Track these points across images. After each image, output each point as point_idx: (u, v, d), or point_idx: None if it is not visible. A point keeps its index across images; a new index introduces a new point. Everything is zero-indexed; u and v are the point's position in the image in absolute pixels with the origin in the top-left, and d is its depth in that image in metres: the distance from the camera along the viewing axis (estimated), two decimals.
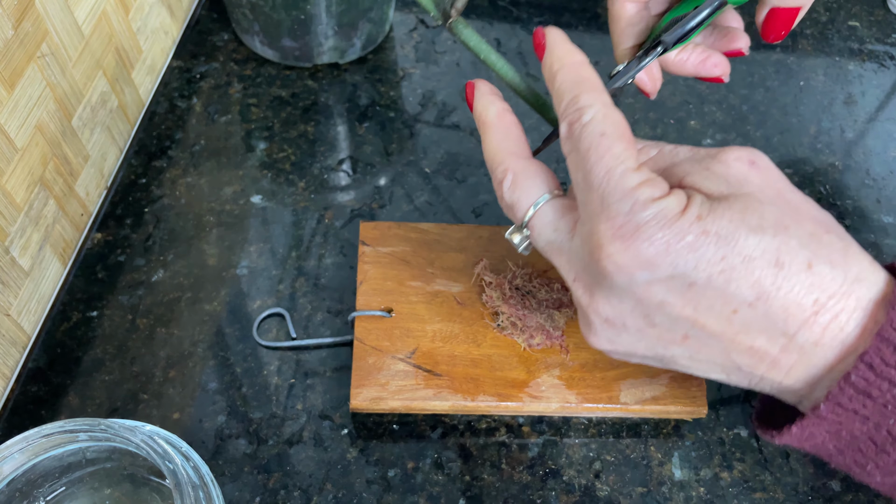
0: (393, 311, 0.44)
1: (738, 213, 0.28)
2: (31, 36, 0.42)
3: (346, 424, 0.43)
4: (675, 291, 0.28)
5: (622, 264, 0.28)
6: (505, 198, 0.33)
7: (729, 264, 0.27)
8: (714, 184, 0.29)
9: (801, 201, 0.29)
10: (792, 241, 0.27)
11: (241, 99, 0.58)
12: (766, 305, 0.27)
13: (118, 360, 0.45)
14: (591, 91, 0.30)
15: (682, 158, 0.31)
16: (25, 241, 0.44)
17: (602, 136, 0.29)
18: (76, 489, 0.36)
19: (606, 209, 0.28)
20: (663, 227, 0.27)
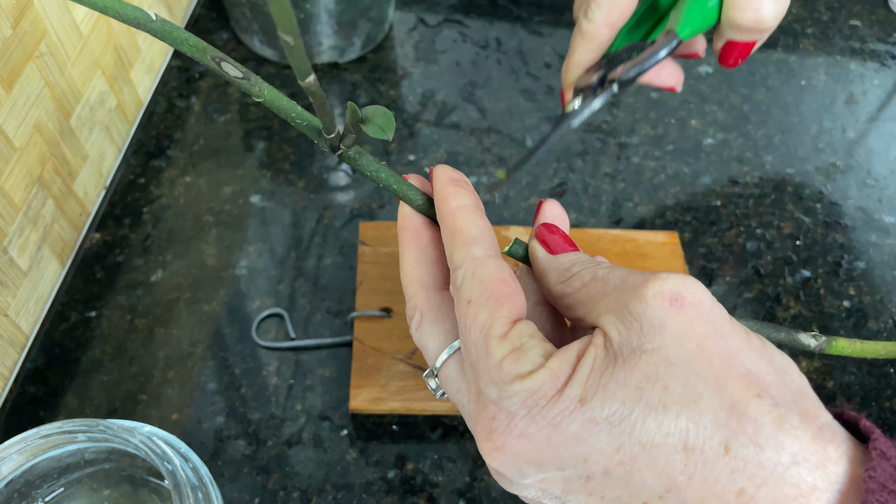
0: (392, 311, 0.44)
1: (633, 388, 0.23)
2: (30, 35, 0.42)
3: (346, 425, 0.43)
4: (573, 483, 0.24)
5: (504, 462, 0.24)
6: (414, 339, 0.29)
7: (627, 454, 0.23)
8: (625, 331, 0.24)
9: (732, 353, 0.24)
10: (703, 418, 0.22)
11: (241, 98, 0.58)
12: (678, 498, 0.23)
13: (117, 361, 0.45)
14: (462, 247, 0.27)
15: (610, 288, 0.26)
16: (24, 241, 0.43)
17: (469, 304, 0.25)
18: (75, 490, 0.36)
19: (479, 395, 0.25)
20: (536, 418, 0.23)
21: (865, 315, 0.48)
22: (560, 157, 0.55)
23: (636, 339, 0.23)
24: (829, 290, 0.49)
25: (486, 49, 0.62)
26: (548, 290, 0.28)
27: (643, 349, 0.23)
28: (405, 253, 0.30)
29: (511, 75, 0.60)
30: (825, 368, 0.46)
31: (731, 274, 0.50)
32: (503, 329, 0.25)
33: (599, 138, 0.56)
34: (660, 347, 0.23)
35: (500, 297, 0.26)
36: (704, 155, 0.56)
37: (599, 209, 0.52)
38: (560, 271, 0.28)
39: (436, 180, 0.29)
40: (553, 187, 0.53)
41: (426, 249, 0.30)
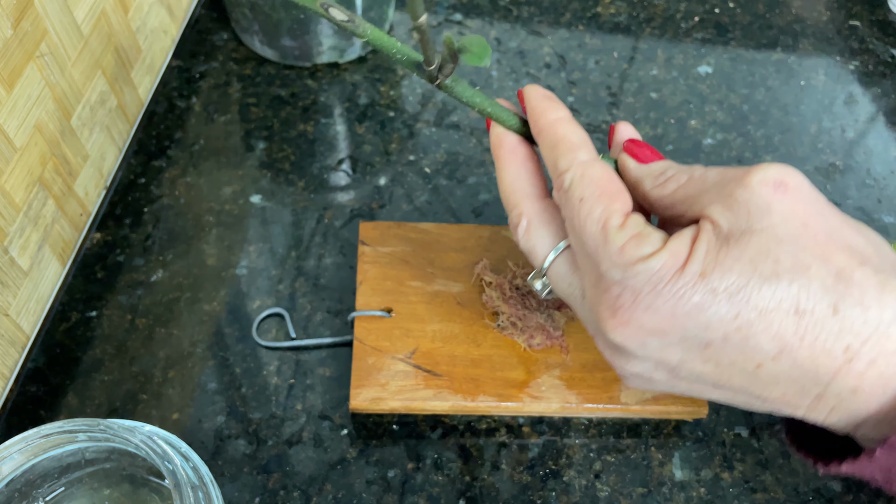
0: (393, 311, 0.44)
1: (748, 263, 0.25)
2: (30, 35, 0.42)
3: (346, 425, 0.43)
4: (691, 351, 0.27)
5: (629, 335, 0.27)
6: (521, 244, 0.32)
7: (744, 320, 0.25)
8: (733, 216, 0.26)
9: (835, 228, 0.26)
10: (813, 285, 0.25)
11: (241, 98, 0.58)
12: (791, 357, 0.25)
13: (117, 361, 0.45)
14: (567, 153, 0.30)
15: (710, 184, 0.28)
16: (24, 240, 0.44)
17: (581, 202, 0.28)
18: (75, 489, 0.36)
19: (602, 279, 0.27)
20: (662, 292, 0.26)
21: None
22: None
23: (744, 222, 0.26)
24: None
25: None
26: (644, 196, 0.31)
27: (752, 230, 0.26)
28: (505, 168, 0.33)
29: (511, 75, 0.60)
30: None
31: None
32: (619, 220, 0.27)
33: (600, 138, 0.57)
34: (768, 227, 0.26)
35: (612, 193, 0.28)
36: (704, 155, 0.56)
37: None
38: (654, 177, 0.30)
39: (530, 98, 0.32)
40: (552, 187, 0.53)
41: (525, 163, 0.33)
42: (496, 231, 0.48)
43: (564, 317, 0.44)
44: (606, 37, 0.63)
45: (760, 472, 0.42)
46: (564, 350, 0.43)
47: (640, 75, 0.61)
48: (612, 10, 0.65)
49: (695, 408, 0.42)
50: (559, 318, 0.44)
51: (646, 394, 0.42)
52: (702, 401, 0.42)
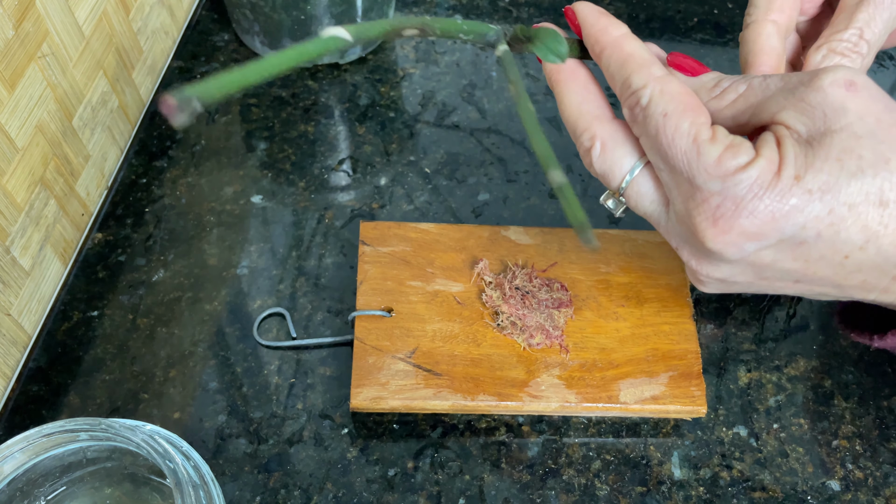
0: (393, 310, 0.44)
1: (835, 161, 0.27)
2: (32, 36, 0.42)
3: (347, 424, 0.43)
4: (785, 251, 0.28)
5: (729, 241, 0.28)
6: (595, 166, 0.32)
7: (837, 216, 0.27)
8: (808, 120, 0.28)
9: None
10: (894, 176, 0.27)
11: (242, 99, 0.58)
12: (876, 245, 0.27)
13: (119, 360, 0.45)
14: (640, 69, 0.30)
15: (773, 90, 0.29)
16: (26, 240, 0.44)
17: (665, 117, 0.28)
18: (77, 488, 0.36)
19: (698, 191, 0.28)
20: (763, 197, 0.27)
21: None
22: (559, 156, 0.55)
23: (822, 123, 0.27)
24: None
25: (486, 49, 0.62)
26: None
27: (832, 130, 0.27)
28: (566, 93, 0.32)
29: None
30: (823, 367, 0.46)
31: None
32: (709, 133, 0.28)
33: None
34: (846, 126, 0.27)
35: (695, 106, 0.29)
36: None
37: (599, 209, 0.52)
38: (708, 89, 0.31)
39: (586, 16, 0.32)
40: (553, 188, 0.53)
41: (587, 85, 0.32)
42: (496, 231, 0.48)
43: (564, 316, 0.44)
44: None
45: (759, 471, 0.42)
46: (564, 349, 0.43)
47: None
48: (612, 11, 0.65)
49: (693, 407, 0.42)
50: (559, 318, 0.44)
51: (644, 393, 0.42)
52: (701, 400, 0.42)
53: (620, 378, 0.42)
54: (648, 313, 0.45)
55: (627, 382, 0.42)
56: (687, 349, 0.43)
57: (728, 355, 0.46)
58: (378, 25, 0.29)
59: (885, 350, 0.33)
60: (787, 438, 0.43)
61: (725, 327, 0.47)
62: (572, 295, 0.45)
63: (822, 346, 0.47)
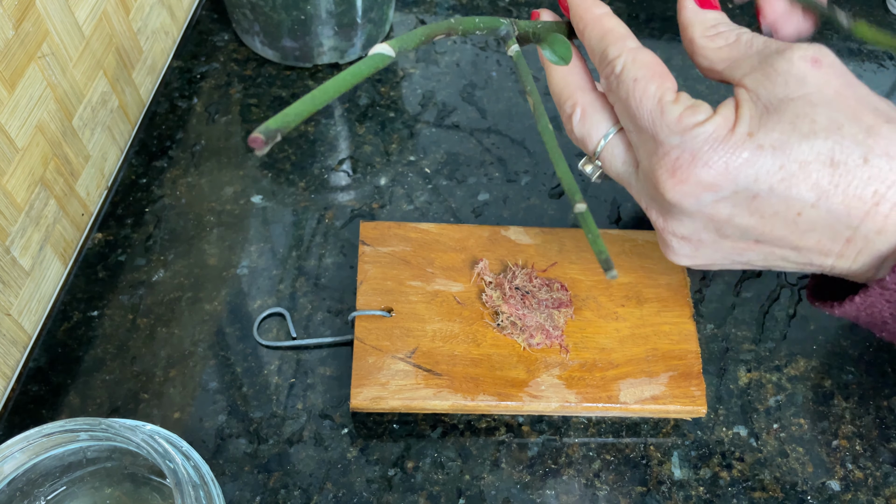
0: (393, 310, 0.44)
1: (788, 123, 0.29)
2: (32, 36, 0.42)
3: (347, 424, 0.43)
4: (740, 205, 0.30)
5: (687, 192, 0.30)
6: (575, 131, 0.35)
7: (787, 172, 0.29)
8: (772, 85, 0.30)
9: (863, 95, 0.30)
10: (846, 140, 0.28)
11: (242, 99, 0.58)
12: (827, 203, 0.29)
13: (119, 360, 0.45)
14: (616, 42, 0.32)
15: (754, 51, 0.32)
16: (26, 240, 0.44)
17: (635, 82, 0.31)
18: (77, 488, 0.36)
19: (660, 146, 0.30)
20: (717, 149, 0.29)
21: None
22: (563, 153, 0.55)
23: (782, 90, 0.29)
24: None
25: (486, 50, 0.62)
26: (690, 41, 0.34)
27: (790, 97, 0.29)
28: (555, 67, 0.35)
29: (511, 76, 0.60)
30: (823, 367, 0.46)
31: (729, 273, 0.50)
32: (673, 95, 0.31)
33: None
34: (805, 94, 0.29)
35: (663, 73, 0.31)
36: None
37: (599, 209, 0.52)
38: (706, 26, 0.33)
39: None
40: (553, 187, 0.53)
41: (575, 60, 0.35)
42: (496, 231, 0.48)
43: (564, 316, 0.44)
44: None
45: (759, 471, 0.42)
46: (564, 349, 0.43)
47: None
48: (613, 10, 0.65)
49: (693, 407, 0.42)
50: (559, 318, 0.44)
51: (644, 393, 0.42)
52: (701, 400, 0.42)
53: (620, 378, 0.42)
54: (648, 313, 0.45)
55: (627, 382, 0.42)
56: (687, 349, 0.44)
57: (728, 355, 0.46)
58: (415, 36, 0.32)
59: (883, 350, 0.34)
60: (787, 438, 0.43)
61: (725, 327, 0.47)
62: (572, 295, 0.45)
63: (822, 346, 0.47)
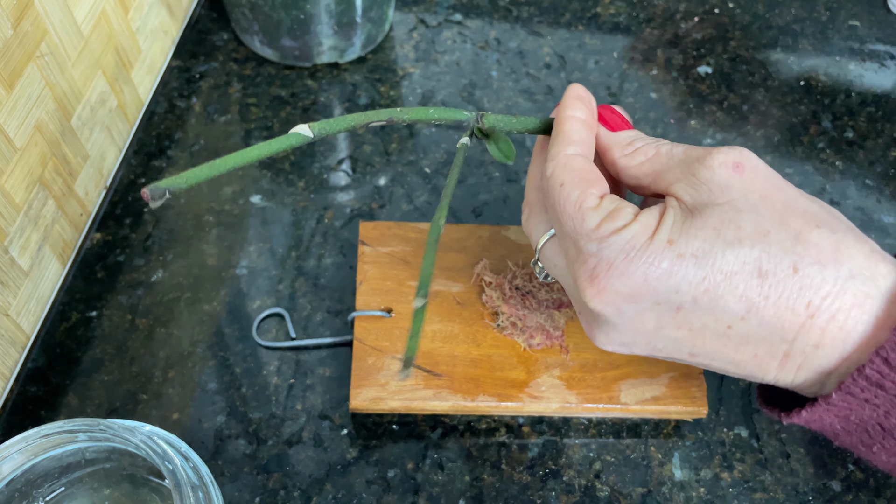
0: (393, 311, 0.44)
1: (712, 229, 0.27)
2: (31, 35, 0.42)
3: (346, 425, 0.43)
4: (665, 316, 0.29)
5: (607, 302, 0.29)
6: (523, 228, 0.35)
7: (711, 283, 0.27)
8: (696, 192, 0.29)
9: (790, 198, 0.28)
10: (773, 248, 0.27)
11: (241, 98, 0.58)
12: (758, 317, 0.27)
13: (117, 361, 0.45)
14: (558, 144, 0.32)
15: (676, 161, 0.31)
16: (24, 240, 0.44)
17: (561, 187, 0.30)
18: (75, 489, 0.36)
19: (580, 253, 0.29)
20: (634, 258, 0.28)
21: None
22: None
23: (706, 197, 0.28)
24: None
25: (486, 49, 0.62)
26: (612, 163, 0.33)
27: (714, 203, 0.28)
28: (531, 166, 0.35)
29: (511, 75, 0.60)
30: None
31: None
32: (595, 201, 0.29)
33: None
34: (729, 201, 0.28)
35: (590, 179, 0.30)
36: None
37: None
38: (622, 146, 0.32)
39: (565, 94, 0.33)
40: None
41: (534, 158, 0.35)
42: (496, 231, 0.48)
43: (564, 317, 0.44)
44: (606, 37, 0.63)
45: (760, 471, 0.42)
46: (564, 350, 0.43)
47: (639, 75, 0.61)
48: (612, 10, 0.65)
49: (694, 408, 0.42)
50: (559, 318, 0.44)
51: (645, 394, 0.42)
52: (702, 401, 0.42)
53: (621, 379, 0.42)
54: None
55: (628, 383, 0.42)
56: None
57: None
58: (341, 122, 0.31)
59: None
60: (788, 439, 0.43)
61: None
62: None
63: None
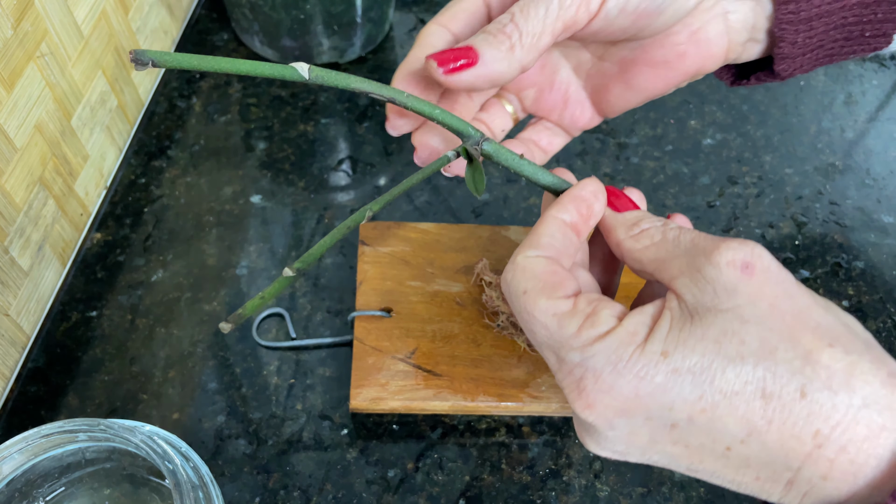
0: (393, 311, 0.44)
1: (712, 342, 0.25)
2: (31, 35, 0.42)
3: (346, 424, 0.43)
4: (659, 432, 0.26)
5: (597, 415, 0.26)
6: None
7: (709, 402, 0.25)
8: (700, 292, 0.26)
9: (803, 309, 0.25)
10: (780, 368, 0.24)
11: (241, 99, 0.58)
12: (759, 441, 0.25)
13: (117, 360, 0.45)
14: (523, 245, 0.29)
15: (681, 250, 0.27)
16: (25, 240, 0.44)
17: (524, 294, 0.28)
18: (76, 489, 0.36)
19: (563, 363, 0.27)
20: (623, 372, 0.25)
21: (864, 315, 0.48)
22: (559, 157, 0.55)
23: (710, 300, 0.25)
24: (828, 289, 0.50)
25: None
26: (617, 245, 0.30)
27: (718, 308, 0.25)
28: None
29: None
30: None
31: None
32: (568, 306, 0.27)
33: (599, 138, 0.57)
34: (734, 307, 0.25)
35: (553, 282, 0.27)
36: (703, 155, 0.56)
37: None
38: (628, 226, 0.29)
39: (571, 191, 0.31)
40: None
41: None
42: (496, 231, 0.48)
43: None
44: None
45: None
46: None
47: None
48: None
49: None
50: None
51: None
52: None
53: None
54: None
55: None
56: None
57: None
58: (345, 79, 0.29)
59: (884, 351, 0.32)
60: None
61: None
62: None
63: None
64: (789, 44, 0.32)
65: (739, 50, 0.33)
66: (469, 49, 0.29)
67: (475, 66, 0.29)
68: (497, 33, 0.30)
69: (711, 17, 0.32)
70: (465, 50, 0.30)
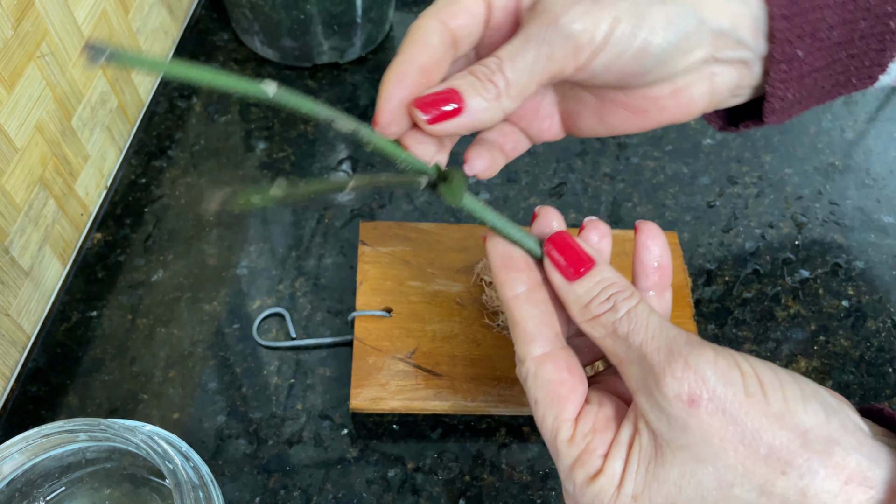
0: (393, 311, 0.44)
1: (673, 485, 0.26)
2: (31, 36, 0.42)
3: (346, 424, 0.43)
4: None
5: None
6: None
7: None
8: (658, 421, 0.27)
9: (754, 435, 0.26)
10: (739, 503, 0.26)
11: (241, 99, 0.58)
12: None
13: (118, 360, 0.45)
14: (521, 344, 0.29)
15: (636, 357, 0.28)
16: (25, 241, 0.44)
17: (536, 405, 0.29)
18: (76, 489, 0.36)
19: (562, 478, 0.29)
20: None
21: (864, 315, 0.48)
22: (559, 157, 0.55)
23: (667, 432, 0.26)
24: (827, 289, 0.50)
25: None
26: (574, 319, 0.30)
27: (677, 445, 0.26)
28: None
29: None
30: (823, 367, 0.46)
31: (729, 274, 0.50)
32: (569, 432, 0.28)
33: (598, 138, 0.57)
34: (689, 445, 0.26)
35: (561, 398, 0.28)
36: (703, 155, 0.56)
37: (599, 209, 0.52)
38: (581, 307, 0.29)
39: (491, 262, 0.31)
40: (552, 187, 0.53)
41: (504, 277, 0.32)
42: None
43: None
44: None
45: None
46: None
47: None
48: None
49: None
50: None
51: None
52: None
53: None
54: None
55: None
56: None
57: None
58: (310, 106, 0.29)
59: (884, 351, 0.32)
60: None
61: (726, 327, 0.47)
62: None
63: (822, 347, 0.47)
64: (779, 99, 0.32)
65: (720, 103, 0.33)
66: (453, 93, 0.29)
67: (460, 114, 0.29)
68: (484, 80, 0.29)
69: (697, 78, 0.31)
70: (449, 93, 0.29)
